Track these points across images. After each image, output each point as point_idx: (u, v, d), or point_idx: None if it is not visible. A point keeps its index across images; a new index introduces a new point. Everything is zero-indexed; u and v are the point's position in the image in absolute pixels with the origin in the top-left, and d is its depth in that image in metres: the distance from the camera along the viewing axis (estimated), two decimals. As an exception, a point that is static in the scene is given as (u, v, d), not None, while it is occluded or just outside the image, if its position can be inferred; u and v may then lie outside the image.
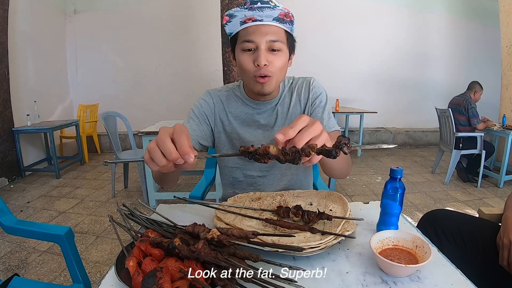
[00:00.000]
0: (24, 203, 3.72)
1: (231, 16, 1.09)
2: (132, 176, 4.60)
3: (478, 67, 6.87)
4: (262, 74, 1.11)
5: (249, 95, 1.30)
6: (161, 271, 0.63)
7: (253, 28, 1.08)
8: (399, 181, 0.92)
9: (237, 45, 1.14)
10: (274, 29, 1.10)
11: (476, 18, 6.90)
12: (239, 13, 1.07)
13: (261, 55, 1.08)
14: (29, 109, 4.82)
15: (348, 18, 6.59)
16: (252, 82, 1.15)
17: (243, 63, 1.12)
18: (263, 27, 1.08)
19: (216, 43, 4.42)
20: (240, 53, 1.13)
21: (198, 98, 1.35)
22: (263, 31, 1.08)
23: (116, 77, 6.58)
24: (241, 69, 1.16)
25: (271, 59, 1.11)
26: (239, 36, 1.13)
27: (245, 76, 1.16)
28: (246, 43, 1.10)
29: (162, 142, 0.69)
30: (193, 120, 1.30)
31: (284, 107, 1.32)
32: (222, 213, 1.01)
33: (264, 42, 1.08)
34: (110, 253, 2.62)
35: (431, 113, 5.12)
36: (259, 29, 1.08)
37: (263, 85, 1.14)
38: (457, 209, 3.36)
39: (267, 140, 1.31)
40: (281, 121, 1.31)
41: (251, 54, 1.11)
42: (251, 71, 1.12)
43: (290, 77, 1.38)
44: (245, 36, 1.10)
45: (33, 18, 5.28)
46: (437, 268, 0.79)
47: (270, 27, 1.09)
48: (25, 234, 1.43)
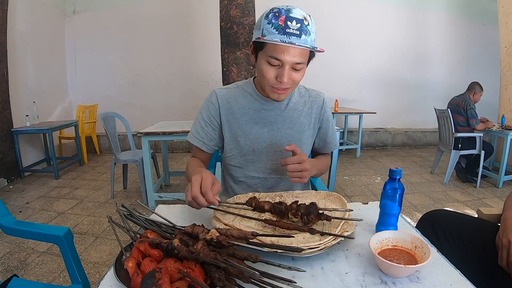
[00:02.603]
0: (23, 203, 3.72)
1: (265, 36, 1.08)
2: (131, 177, 4.60)
3: (477, 67, 6.87)
4: (282, 87, 1.16)
5: (260, 91, 1.32)
6: (160, 271, 0.63)
7: (284, 48, 1.07)
8: (398, 181, 0.92)
9: (262, 53, 1.14)
10: (302, 51, 1.10)
11: (475, 18, 6.91)
12: (272, 35, 1.06)
13: (285, 74, 1.11)
14: (28, 109, 4.81)
15: (348, 19, 6.59)
16: (269, 90, 1.19)
17: (265, 73, 1.14)
18: (293, 49, 1.08)
19: (216, 43, 4.42)
20: (263, 62, 1.14)
21: (205, 99, 1.38)
22: (292, 53, 1.08)
23: (115, 77, 6.57)
24: (261, 76, 1.18)
25: (293, 75, 1.14)
26: (266, 46, 1.11)
27: (264, 82, 1.18)
28: (273, 59, 1.10)
29: (196, 198, 0.95)
30: (199, 124, 1.37)
31: (295, 113, 1.36)
32: (221, 214, 1.00)
33: (290, 62, 1.10)
34: (109, 254, 2.62)
35: (430, 113, 5.13)
36: (288, 51, 1.08)
37: (280, 95, 1.20)
38: (456, 209, 3.37)
39: (272, 140, 1.33)
40: (289, 125, 1.35)
41: (275, 68, 1.13)
42: (271, 82, 1.15)
43: (301, 85, 1.42)
44: (273, 52, 1.09)
45: (32, 18, 5.27)
46: (437, 268, 0.79)
47: (299, 50, 1.09)
48: (24, 235, 1.43)
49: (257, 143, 1.33)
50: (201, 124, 1.36)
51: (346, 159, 5.82)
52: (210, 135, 1.36)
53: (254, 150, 1.34)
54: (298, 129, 1.35)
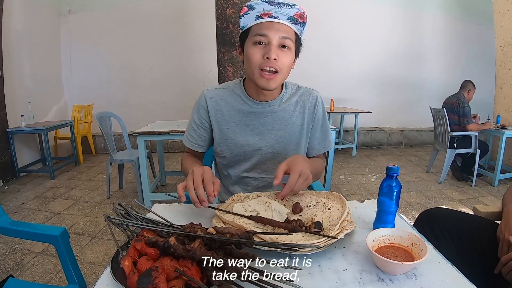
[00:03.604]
0: (18, 204, 3.70)
1: (250, 7, 1.13)
2: (127, 177, 4.58)
3: (472, 66, 6.91)
4: (270, 66, 1.14)
5: (249, 93, 1.31)
6: (157, 270, 0.63)
7: (267, 24, 1.13)
8: (396, 179, 0.92)
9: (248, 39, 1.17)
10: (287, 28, 1.15)
11: (471, 18, 6.95)
12: (258, 5, 1.11)
13: (271, 49, 1.13)
14: (23, 109, 4.77)
15: (344, 19, 6.61)
16: (257, 75, 1.17)
17: (252, 55, 1.15)
18: (277, 24, 1.13)
19: (211, 43, 4.42)
20: (250, 46, 1.16)
21: (196, 100, 1.38)
22: (277, 28, 1.13)
23: (111, 77, 6.55)
24: (249, 62, 1.17)
25: (280, 55, 1.15)
26: (251, 30, 1.16)
27: (252, 69, 1.17)
28: (259, 36, 1.13)
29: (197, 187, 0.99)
30: (192, 127, 1.38)
31: (286, 114, 1.33)
32: (221, 212, 1.00)
33: (276, 37, 1.13)
34: (106, 254, 2.60)
35: (425, 112, 5.14)
36: (273, 26, 1.13)
37: (268, 81, 1.17)
38: (452, 207, 3.38)
39: (262, 142, 1.32)
40: (280, 126, 1.33)
41: (261, 48, 1.15)
42: (259, 63, 1.15)
43: (294, 83, 1.40)
44: (258, 30, 1.14)
45: (28, 18, 5.23)
46: (434, 265, 0.80)
47: (283, 25, 1.14)
48: (20, 235, 1.42)
49: (247, 145, 1.32)
50: (193, 127, 1.37)
51: (342, 158, 5.83)
52: (203, 136, 1.38)
53: (245, 152, 1.33)
54: (290, 130, 1.33)
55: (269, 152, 1.33)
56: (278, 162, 1.31)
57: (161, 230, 0.84)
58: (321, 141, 1.42)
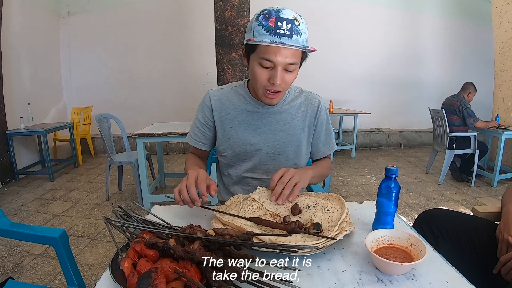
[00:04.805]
0: (17, 206, 3.69)
1: (256, 38, 1.08)
2: (126, 179, 4.58)
3: (471, 67, 6.93)
4: (275, 90, 1.16)
5: (253, 94, 1.33)
6: (156, 271, 0.63)
7: (275, 49, 1.07)
8: (394, 180, 0.92)
9: (254, 55, 1.14)
10: (294, 51, 1.10)
11: (469, 19, 6.97)
12: (263, 37, 1.06)
13: (277, 76, 1.11)
14: (22, 111, 4.77)
15: (342, 20, 6.62)
16: (262, 94, 1.20)
17: (258, 76, 1.14)
18: (285, 50, 1.08)
19: (210, 45, 4.42)
20: (256, 65, 1.14)
21: (201, 100, 1.40)
22: (284, 54, 1.08)
23: (110, 79, 6.54)
24: (254, 79, 1.18)
25: (285, 76, 1.14)
26: (258, 47, 1.11)
27: (256, 86, 1.19)
28: (265, 61, 1.10)
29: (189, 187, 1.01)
30: (196, 125, 1.40)
31: (289, 116, 1.35)
32: (220, 213, 1.00)
33: (282, 63, 1.09)
34: (105, 256, 2.60)
35: (424, 113, 5.15)
36: (280, 52, 1.08)
37: (272, 99, 1.20)
38: (451, 208, 3.38)
39: (264, 142, 1.34)
40: (282, 127, 1.35)
41: (267, 70, 1.13)
42: (264, 85, 1.16)
43: (297, 86, 1.42)
44: (265, 54, 1.09)
45: (27, 20, 5.23)
46: (433, 266, 0.80)
47: (291, 50, 1.09)
48: (19, 237, 1.42)
49: (249, 145, 1.34)
50: (197, 126, 1.39)
51: (341, 160, 5.84)
52: (207, 134, 1.39)
53: (247, 152, 1.35)
54: (292, 132, 1.35)
55: (269, 152, 1.35)
56: (279, 163, 1.33)
57: (160, 231, 0.84)
58: (326, 144, 1.45)
